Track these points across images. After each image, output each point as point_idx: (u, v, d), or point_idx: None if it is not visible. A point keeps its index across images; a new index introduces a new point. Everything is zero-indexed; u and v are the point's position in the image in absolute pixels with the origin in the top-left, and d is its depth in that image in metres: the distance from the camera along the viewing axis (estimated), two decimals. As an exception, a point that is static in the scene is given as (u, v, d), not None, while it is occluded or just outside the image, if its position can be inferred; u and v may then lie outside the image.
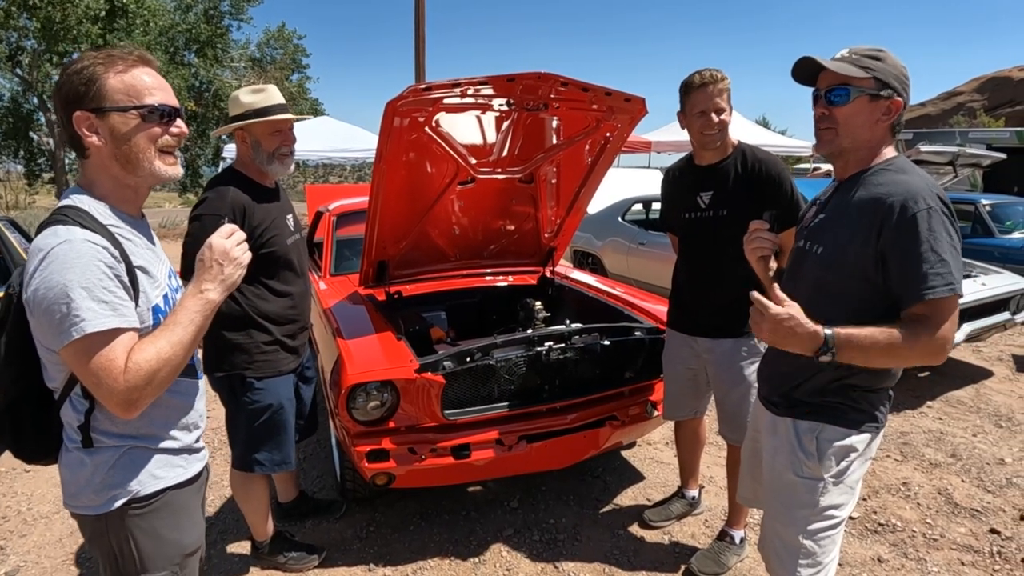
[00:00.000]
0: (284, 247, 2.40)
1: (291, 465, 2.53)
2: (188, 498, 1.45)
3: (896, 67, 1.54)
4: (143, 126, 1.28)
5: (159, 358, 1.21)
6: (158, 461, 1.37)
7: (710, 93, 2.33)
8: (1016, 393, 4.83)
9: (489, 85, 2.62)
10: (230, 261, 1.34)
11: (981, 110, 26.89)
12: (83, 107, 1.25)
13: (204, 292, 1.30)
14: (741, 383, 2.51)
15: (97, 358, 1.17)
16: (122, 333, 1.20)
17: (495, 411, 2.72)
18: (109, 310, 1.18)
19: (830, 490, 1.64)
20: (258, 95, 2.36)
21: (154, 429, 1.36)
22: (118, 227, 1.29)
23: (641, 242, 7.17)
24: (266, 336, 2.38)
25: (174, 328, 1.26)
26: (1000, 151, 9.29)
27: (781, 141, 15.61)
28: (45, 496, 3.36)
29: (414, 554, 2.82)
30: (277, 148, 2.36)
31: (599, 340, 2.83)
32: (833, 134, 1.59)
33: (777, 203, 2.30)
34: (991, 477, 3.50)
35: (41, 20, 15.87)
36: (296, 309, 2.49)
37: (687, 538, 2.92)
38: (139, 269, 1.29)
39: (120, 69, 1.27)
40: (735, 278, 2.42)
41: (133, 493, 1.33)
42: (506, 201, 3.52)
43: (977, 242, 7.13)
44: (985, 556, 2.82)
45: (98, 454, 1.31)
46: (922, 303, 1.44)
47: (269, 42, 25.83)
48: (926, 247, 1.43)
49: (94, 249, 1.19)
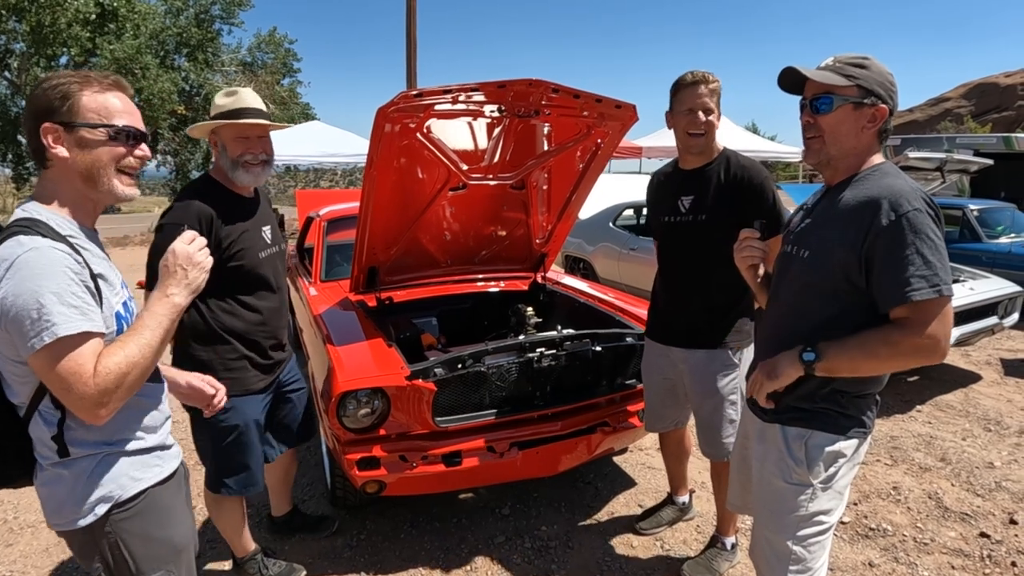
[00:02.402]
0: (255, 261, 2.28)
1: (258, 487, 2.41)
2: (171, 495, 1.46)
3: (881, 74, 1.55)
4: (109, 144, 1.32)
5: (128, 362, 1.23)
6: (134, 463, 1.38)
7: (700, 92, 2.32)
8: (1004, 397, 4.86)
9: (480, 91, 2.62)
10: (193, 265, 1.37)
11: (968, 116, 27.17)
12: (52, 119, 1.29)
13: (170, 296, 1.33)
14: (714, 395, 2.47)
15: (67, 362, 1.18)
16: (92, 338, 1.22)
17: (486, 418, 2.71)
18: (78, 314, 1.20)
19: (819, 496, 1.65)
20: (229, 97, 2.26)
21: (124, 432, 1.38)
22: (76, 237, 1.31)
23: (632, 247, 7.19)
24: (232, 353, 2.27)
25: (142, 332, 1.28)
26: (987, 156, 9.38)
27: (770, 147, 15.73)
28: (32, 505, 3.31)
29: (405, 562, 2.80)
30: (240, 155, 2.22)
31: (590, 346, 2.83)
32: (820, 143, 1.60)
33: (757, 210, 2.28)
34: (980, 481, 3.52)
35: (31, 24, 15.79)
36: (267, 326, 2.36)
37: (679, 544, 2.92)
38: (99, 277, 1.31)
39: (96, 90, 1.32)
40: (711, 286, 2.43)
41: (115, 498, 1.34)
42: (497, 207, 3.52)
43: (965, 247, 7.19)
44: (975, 560, 2.83)
45: (75, 465, 1.32)
46: (906, 305, 1.45)
47: (260, 46, 25.78)
48: (911, 250, 1.44)
49: (62, 256, 1.21)
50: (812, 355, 1.54)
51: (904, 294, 1.44)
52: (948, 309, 1.46)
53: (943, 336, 1.45)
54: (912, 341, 1.46)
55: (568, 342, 2.80)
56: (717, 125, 2.37)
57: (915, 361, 1.54)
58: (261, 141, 2.27)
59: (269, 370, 2.42)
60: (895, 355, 1.50)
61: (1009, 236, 7.49)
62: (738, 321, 2.46)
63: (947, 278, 1.45)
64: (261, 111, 2.29)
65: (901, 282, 1.44)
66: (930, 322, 1.44)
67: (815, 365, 1.54)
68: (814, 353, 1.54)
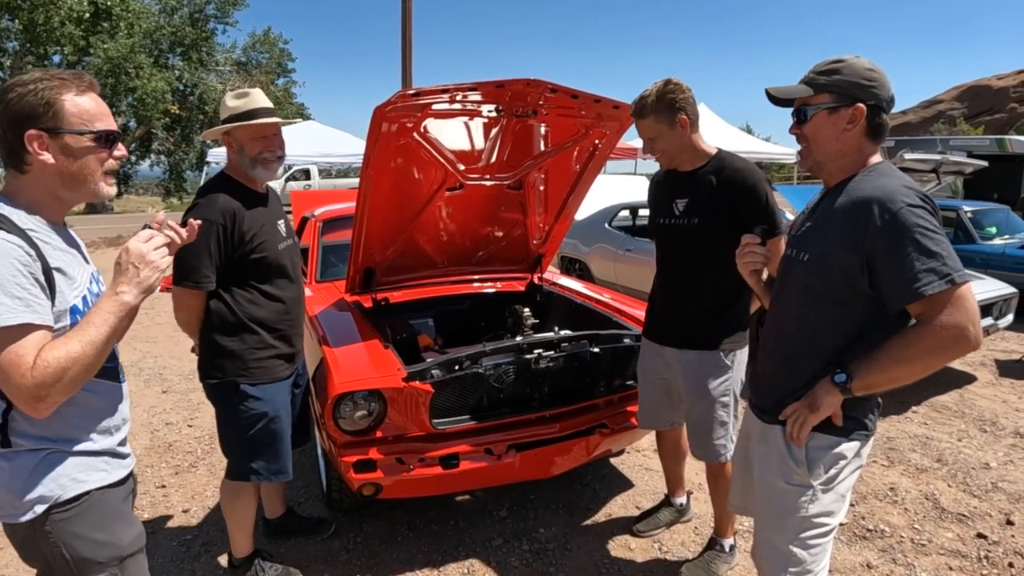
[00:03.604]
0: (275, 252, 2.37)
1: (288, 475, 2.47)
2: (116, 500, 1.44)
3: (856, 73, 1.55)
4: (94, 149, 1.35)
5: (68, 356, 1.23)
6: (78, 464, 1.37)
7: (639, 125, 2.39)
8: (1000, 397, 4.88)
9: (478, 91, 2.61)
10: (146, 264, 1.35)
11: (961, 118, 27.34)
12: (37, 125, 1.30)
13: (119, 294, 1.32)
14: (705, 396, 2.46)
15: (6, 353, 1.19)
16: (35, 330, 1.22)
17: (484, 420, 2.69)
18: (22, 306, 1.21)
19: (820, 498, 1.64)
20: (241, 99, 2.35)
21: (72, 431, 1.37)
22: (36, 231, 1.32)
23: (628, 248, 7.18)
24: (259, 342, 2.34)
25: (87, 328, 1.27)
26: (980, 158, 9.43)
27: (765, 148, 15.80)
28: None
29: (402, 565, 2.78)
30: (259, 153, 2.33)
31: (588, 347, 2.82)
32: (807, 151, 1.67)
33: (752, 212, 2.29)
34: (977, 481, 3.53)
35: (24, 22, 15.70)
36: (290, 315, 2.45)
37: (677, 546, 2.91)
38: (56, 271, 1.31)
39: (74, 93, 1.34)
40: (706, 288, 2.43)
41: (55, 497, 1.33)
42: (495, 207, 3.51)
43: (959, 248, 7.15)
44: (972, 561, 2.84)
45: (16, 459, 1.32)
46: (920, 301, 1.43)
47: (255, 46, 25.69)
48: (912, 245, 1.42)
49: (9, 247, 1.22)
50: (843, 376, 1.53)
51: (915, 291, 1.41)
52: (965, 294, 1.41)
53: (969, 322, 1.40)
54: (936, 336, 1.42)
55: (566, 343, 2.79)
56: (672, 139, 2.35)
57: (948, 355, 1.48)
58: (276, 137, 2.38)
59: (292, 358, 2.50)
60: (925, 354, 1.46)
61: (1003, 238, 7.53)
62: (733, 323, 2.46)
63: (956, 265, 1.42)
64: (273, 109, 2.40)
65: (909, 279, 1.42)
66: (950, 312, 1.41)
67: (850, 385, 1.52)
68: (844, 374, 1.53)
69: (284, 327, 2.43)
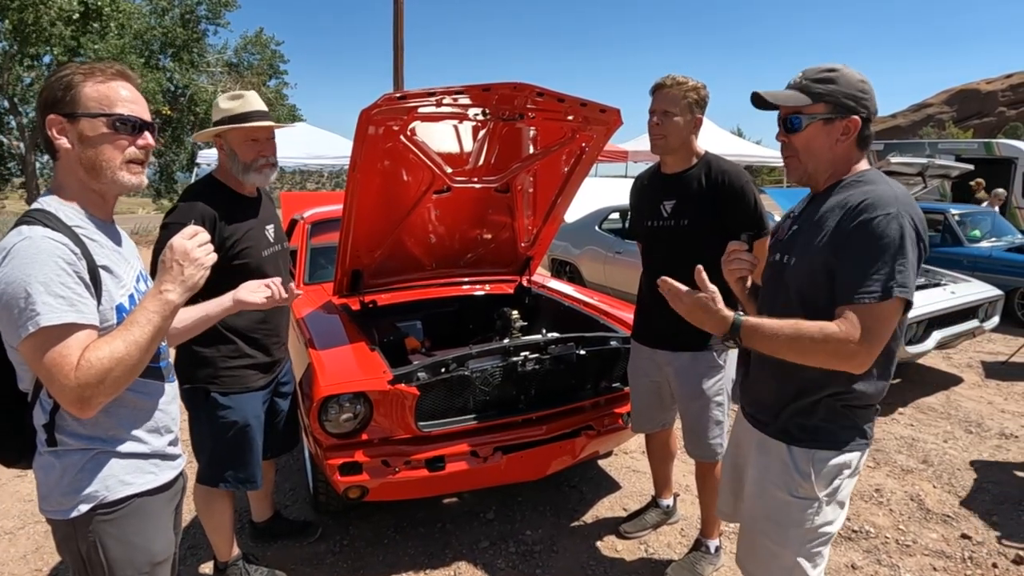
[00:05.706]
0: (258, 259, 2.32)
1: (256, 485, 2.44)
2: (159, 506, 1.44)
3: (851, 84, 1.54)
4: (111, 135, 1.31)
5: (112, 357, 1.20)
6: (127, 466, 1.37)
7: (662, 95, 2.35)
8: (985, 399, 4.92)
9: (465, 94, 2.62)
10: (191, 262, 1.34)
11: (950, 121, 27.58)
12: (56, 111, 1.29)
13: (163, 293, 1.30)
14: (699, 396, 2.49)
15: (50, 353, 1.18)
16: (79, 329, 1.20)
17: (470, 422, 2.69)
18: (66, 305, 1.19)
19: (824, 509, 1.63)
20: (236, 101, 2.30)
21: (120, 431, 1.36)
22: (83, 228, 1.31)
23: (618, 251, 7.21)
24: (233, 350, 2.31)
25: (131, 328, 1.25)
26: (968, 162, 9.53)
27: (755, 151, 15.84)
28: (10, 511, 3.25)
29: (389, 568, 2.77)
30: (254, 160, 2.28)
31: (575, 349, 2.82)
32: (796, 162, 1.62)
33: (739, 214, 2.30)
34: (962, 483, 3.56)
35: (13, 22, 15.56)
36: (267, 323, 2.41)
37: (663, 547, 2.92)
38: (103, 269, 1.30)
39: (99, 80, 1.32)
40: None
41: (100, 498, 1.33)
42: (482, 210, 3.51)
43: (946, 251, 7.29)
44: (957, 561, 2.86)
45: (66, 457, 1.31)
46: (848, 305, 1.44)
47: (246, 47, 25.54)
48: (871, 253, 1.42)
49: (53, 245, 1.21)
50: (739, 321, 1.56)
51: (850, 295, 1.43)
52: (891, 314, 1.43)
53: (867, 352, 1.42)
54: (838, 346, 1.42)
55: (552, 346, 2.79)
56: (682, 128, 2.36)
57: (832, 362, 1.47)
58: (269, 142, 2.34)
59: (269, 368, 2.46)
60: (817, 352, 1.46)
61: (990, 240, 7.60)
62: None
63: (905, 282, 1.41)
64: (267, 113, 2.36)
65: (855, 283, 1.43)
66: (870, 327, 1.41)
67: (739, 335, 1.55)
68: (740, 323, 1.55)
69: (260, 336, 2.38)
